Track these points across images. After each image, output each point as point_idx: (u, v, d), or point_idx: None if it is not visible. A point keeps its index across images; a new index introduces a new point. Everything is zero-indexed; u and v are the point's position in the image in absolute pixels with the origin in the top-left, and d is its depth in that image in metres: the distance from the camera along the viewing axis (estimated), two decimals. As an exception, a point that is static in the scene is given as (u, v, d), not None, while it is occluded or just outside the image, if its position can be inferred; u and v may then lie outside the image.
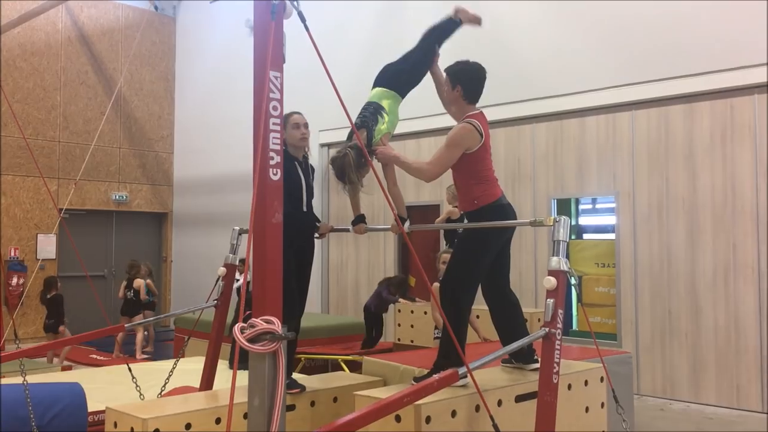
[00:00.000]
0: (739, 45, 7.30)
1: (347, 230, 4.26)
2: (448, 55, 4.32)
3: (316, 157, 11.17)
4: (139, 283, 10.15)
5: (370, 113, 4.01)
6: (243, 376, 2.64)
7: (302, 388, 3.90)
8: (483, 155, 3.84)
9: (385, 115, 4.01)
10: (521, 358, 3.96)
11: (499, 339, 4.07)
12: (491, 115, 4.19)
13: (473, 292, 3.85)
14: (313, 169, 4.26)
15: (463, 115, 3.89)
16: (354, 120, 3.75)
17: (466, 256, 3.84)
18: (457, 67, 3.95)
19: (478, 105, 4.02)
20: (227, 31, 12.89)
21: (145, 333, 10.51)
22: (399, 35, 10.51)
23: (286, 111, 3.84)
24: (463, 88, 3.90)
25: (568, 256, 3.38)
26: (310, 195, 4.15)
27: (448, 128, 3.98)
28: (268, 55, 2.45)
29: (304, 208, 4.09)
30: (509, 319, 4.01)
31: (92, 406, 4.23)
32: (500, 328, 4.03)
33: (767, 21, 7.00)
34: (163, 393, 4.44)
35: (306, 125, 4.14)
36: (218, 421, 3.45)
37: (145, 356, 9.90)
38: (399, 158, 3.96)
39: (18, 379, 3.94)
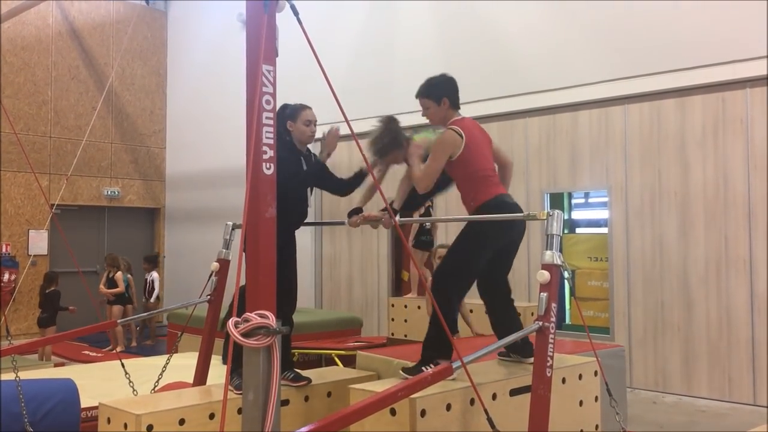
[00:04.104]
0: (730, 39, 7.31)
1: (342, 224, 4.27)
2: (442, 50, 4.31)
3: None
4: (119, 276, 10.62)
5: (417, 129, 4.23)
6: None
7: (308, 380, 3.89)
8: (468, 157, 3.85)
9: (427, 134, 4.13)
10: (519, 352, 3.97)
11: (494, 333, 4.08)
12: (484, 109, 4.21)
13: (465, 287, 3.85)
14: (315, 157, 4.21)
15: (448, 123, 3.95)
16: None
17: (462, 250, 3.84)
18: (434, 83, 4.00)
19: (468, 100, 4.03)
20: (219, 25, 12.83)
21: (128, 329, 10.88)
22: (390, 28, 10.52)
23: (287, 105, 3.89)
24: (449, 98, 3.96)
25: (561, 250, 3.39)
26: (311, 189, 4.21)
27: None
28: (261, 48, 2.44)
29: (307, 203, 4.13)
30: (506, 313, 4.02)
31: (85, 402, 4.21)
32: (497, 322, 4.04)
33: (767, 14, 7.01)
34: (156, 388, 4.43)
35: (316, 122, 4.08)
36: (212, 416, 3.44)
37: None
38: (414, 159, 3.98)
39: (10, 376, 3.92)
